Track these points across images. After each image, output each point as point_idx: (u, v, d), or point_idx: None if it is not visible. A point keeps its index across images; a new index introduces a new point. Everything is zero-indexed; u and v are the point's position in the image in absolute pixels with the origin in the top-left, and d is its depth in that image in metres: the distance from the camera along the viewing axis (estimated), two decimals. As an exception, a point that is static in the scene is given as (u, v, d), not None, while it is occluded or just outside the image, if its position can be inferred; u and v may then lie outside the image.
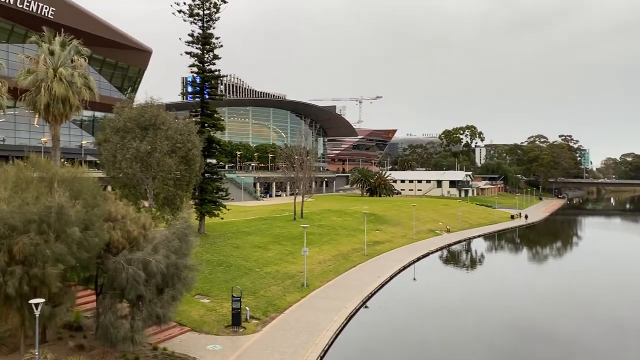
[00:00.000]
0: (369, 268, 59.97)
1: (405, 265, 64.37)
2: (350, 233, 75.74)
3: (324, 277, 53.23)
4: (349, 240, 71.46)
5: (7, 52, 74.12)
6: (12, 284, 23.07)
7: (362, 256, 65.42)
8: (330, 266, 57.97)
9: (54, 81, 41.70)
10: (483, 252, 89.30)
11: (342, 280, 53.38)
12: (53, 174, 28.17)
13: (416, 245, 78.98)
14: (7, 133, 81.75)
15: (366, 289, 49.74)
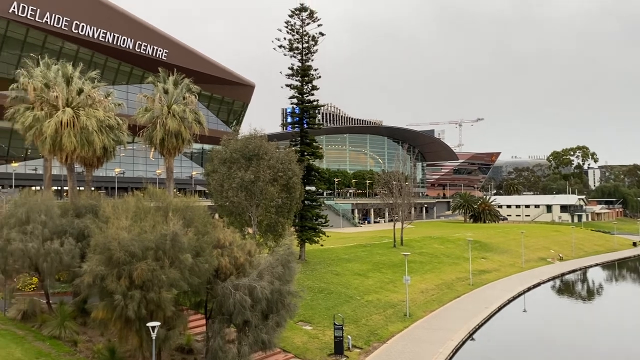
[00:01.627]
0: (475, 298, 57.23)
1: (515, 295, 60.68)
2: (453, 261, 73.07)
3: (427, 306, 51.55)
4: (453, 269, 68.88)
5: (127, 92, 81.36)
6: (132, 308, 24.65)
7: (467, 286, 62.66)
8: (434, 295, 56.07)
9: (168, 117, 45.00)
10: (601, 282, 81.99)
11: (446, 310, 51.36)
12: (168, 204, 30.03)
13: (526, 275, 74.34)
14: (127, 166, 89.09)
15: (473, 320, 47.40)
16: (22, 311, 31.38)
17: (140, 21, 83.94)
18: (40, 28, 69.90)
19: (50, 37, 72.08)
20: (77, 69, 43.78)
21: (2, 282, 33.25)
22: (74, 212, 33.87)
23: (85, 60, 68.78)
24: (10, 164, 71.71)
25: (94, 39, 76.02)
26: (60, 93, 40.64)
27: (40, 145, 40.22)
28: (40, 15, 68.43)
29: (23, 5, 66.29)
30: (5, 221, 30.89)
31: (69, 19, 72.10)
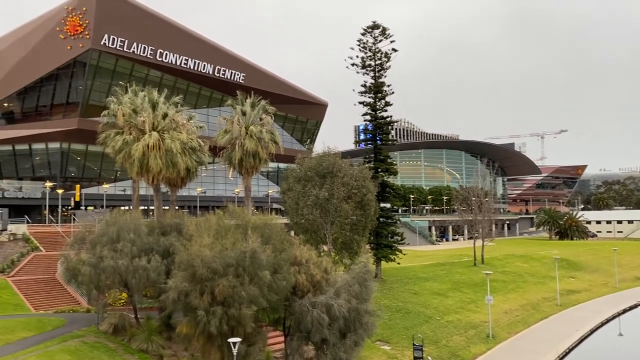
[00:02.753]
0: (564, 320, 53.85)
1: (609, 317, 56.49)
2: (539, 280, 69.35)
3: (512, 328, 49.11)
4: (538, 289, 65.34)
5: (208, 115, 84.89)
6: (214, 323, 25.36)
7: (555, 306, 59.14)
8: (518, 316, 53.37)
9: (246, 138, 46.42)
10: None
11: (532, 332, 48.67)
12: (247, 222, 30.80)
13: (620, 295, 69.10)
14: (208, 186, 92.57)
15: (562, 343, 44.56)
16: (113, 325, 33.13)
17: (218, 47, 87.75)
18: (128, 58, 74.82)
19: (137, 65, 76.94)
20: (161, 94, 46.30)
21: (95, 297, 35.31)
22: (159, 231, 35.51)
23: (169, 86, 72.72)
24: (102, 185, 76.72)
25: (176, 65, 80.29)
26: (146, 118, 43.07)
27: (129, 167, 42.71)
28: (128, 46, 73.34)
29: (113, 38, 71.37)
30: (98, 239, 32.92)
31: (154, 48, 76.70)
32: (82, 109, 71.33)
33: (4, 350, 27.77)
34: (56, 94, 74.09)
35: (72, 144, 74.94)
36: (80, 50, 69.80)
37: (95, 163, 78.64)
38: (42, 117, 75.05)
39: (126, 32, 72.70)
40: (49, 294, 43.30)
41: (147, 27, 75.61)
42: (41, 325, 33.48)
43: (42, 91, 74.48)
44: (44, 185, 68.85)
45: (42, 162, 76.03)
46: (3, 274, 45.69)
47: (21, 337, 30.48)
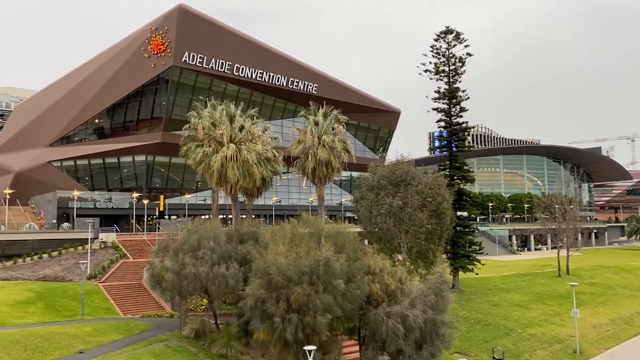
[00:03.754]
0: (661, 336, 49.80)
1: None
2: (632, 293, 64.66)
3: (602, 343, 46.09)
4: (631, 302, 60.91)
5: (282, 126, 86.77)
6: (289, 331, 25.78)
7: (650, 321, 54.85)
8: (609, 331, 49.99)
9: (319, 148, 47.02)
10: None
11: (626, 349, 45.40)
12: (320, 230, 31.13)
13: None
14: (282, 195, 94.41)
15: (660, 362, 41.25)
16: (195, 330, 34.50)
17: (291, 59, 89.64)
18: (207, 73, 78.11)
19: (215, 80, 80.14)
20: (238, 107, 47.98)
21: (178, 302, 37.00)
22: (237, 239, 36.66)
23: (245, 99, 75.11)
24: (184, 195, 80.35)
25: (252, 79, 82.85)
26: (224, 130, 44.79)
27: (209, 178, 44.56)
28: (207, 62, 76.65)
29: (193, 54, 74.87)
30: (181, 247, 34.48)
31: (231, 63, 79.61)
32: (165, 123, 75.23)
33: (97, 352, 29.68)
34: (141, 109, 78.66)
35: (157, 156, 79.17)
36: (163, 67, 73.77)
37: (177, 174, 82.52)
38: (129, 131, 79.85)
39: (205, 49, 75.97)
40: (136, 299, 45.84)
41: (225, 43, 78.64)
42: (129, 328, 35.47)
43: (129, 107, 79.32)
44: (131, 195, 73.10)
45: (130, 174, 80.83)
46: (95, 279, 48.89)
47: (112, 339, 32.45)
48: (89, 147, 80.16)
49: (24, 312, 38.45)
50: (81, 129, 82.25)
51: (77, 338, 31.35)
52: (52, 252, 54.66)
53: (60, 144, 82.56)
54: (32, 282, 46.48)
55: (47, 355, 28.35)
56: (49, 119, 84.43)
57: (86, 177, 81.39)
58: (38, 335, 30.71)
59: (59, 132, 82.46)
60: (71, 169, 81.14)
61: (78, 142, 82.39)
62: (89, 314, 39.83)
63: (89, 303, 41.48)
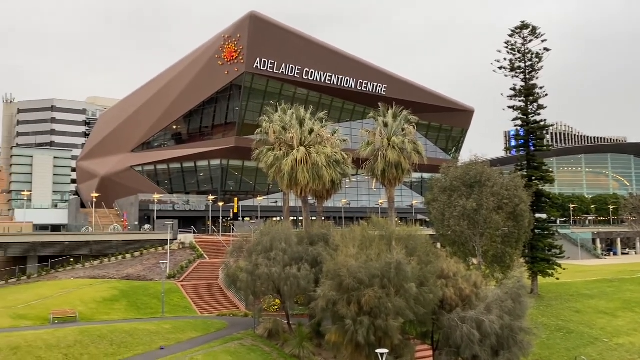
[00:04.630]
0: None
1: None
2: None
3: (700, 356, 42.41)
4: None
5: (350, 128, 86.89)
6: (361, 333, 25.72)
7: None
8: None
9: (388, 149, 46.62)
10: None
11: None
12: (391, 233, 30.85)
13: None
14: (352, 197, 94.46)
15: None
16: (268, 330, 35.20)
17: (360, 61, 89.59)
18: (278, 78, 79.69)
19: (285, 85, 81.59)
20: (308, 111, 48.54)
21: (252, 302, 37.90)
22: (308, 241, 37.04)
23: (315, 103, 75.93)
24: (256, 198, 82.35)
25: (321, 82, 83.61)
26: (294, 134, 45.46)
27: (280, 180, 45.38)
28: (277, 67, 78.19)
29: (264, 60, 76.68)
30: (254, 248, 35.33)
31: (301, 68, 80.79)
32: (239, 128, 77.46)
33: (177, 348, 30.99)
34: (216, 115, 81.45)
35: (231, 160, 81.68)
36: (236, 74, 76.01)
37: (250, 177, 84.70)
38: (205, 137, 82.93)
39: (275, 55, 77.53)
40: (212, 298, 47.43)
41: (294, 48, 79.89)
42: (206, 327, 36.75)
43: (205, 114, 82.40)
44: (207, 198, 75.87)
45: (206, 177, 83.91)
46: (174, 279, 51.06)
47: (190, 337, 33.75)
48: (167, 152, 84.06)
49: (110, 309, 40.82)
50: (160, 135, 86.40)
51: (158, 335, 32.86)
52: (135, 253, 57.68)
53: (141, 149, 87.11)
54: (117, 281, 49.27)
55: (131, 350, 29.93)
56: (130, 126, 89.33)
57: (165, 180, 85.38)
58: (123, 331, 32.48)
59: (140, 139, 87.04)
60: (151, 173, 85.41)
61: (158, 147, 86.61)
62: (169, 311, 41.64)
63: (169, 301, 43.37)
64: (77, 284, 46.90)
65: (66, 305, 39.19)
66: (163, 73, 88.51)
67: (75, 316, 37.11)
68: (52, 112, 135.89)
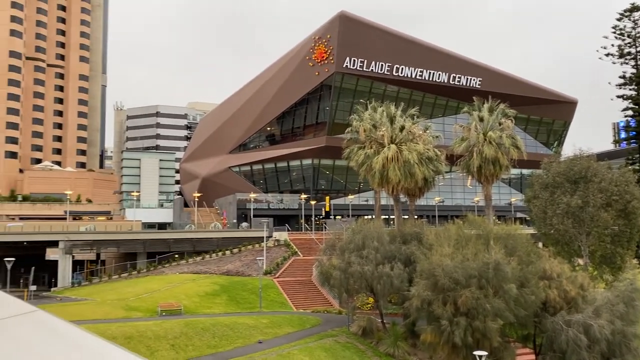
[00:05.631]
0: None
1: None
2: None
3: None
4: None
5: (443, 124, 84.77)
6: (458, 334, 25.05)
7: None
8: None
9: (484, 145, 44.93)
10: None
11: None
12: (488, 232, 29.76)
13: None
14: (445, 195, 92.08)
15: None
16: (362, 327, 35.31)
17: (452, 54, 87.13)
18: (367, 76, 79.63)
19: (375, 82, 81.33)
20: (398, 108, 48.06)
21: (345, 300, 38.23)
22: (400, 239, 36.70)
23: (405, 99, 74.89)
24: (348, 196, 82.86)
25: (412, 78, 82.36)
26: (385, 132, 45.20)
27: (371, 179, 45.32)
28: (367, 65, 78.17)
29: (354, 59, 76.98)
30: (346, 246, 35.60)
31: (390, 64, 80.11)
32: (329, 127, 78.33)
33: (274, 343, 32.00)
34: (307, 116, 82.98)
35: (322, 159, 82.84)
36: (326, 74, 76.94)
37: (341, 176, 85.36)
38: (297, 137, 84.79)
39: (365, 53, 77.53)
40: (306, 295, 48.40)
41: (384, 45, 79.41)
42: (301, 322, 37.58)
43: (296, 114, 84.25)
44: (299, 197, 77.51)
45: (298, 176, 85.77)
46: (270, 275, 52.72)
47: (286, 331, 34.70)
48: (262, 153, 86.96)
49: (212, 303, 42.97)
50: (255, 136, 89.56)
51: (256, 329, 34.11)
52: (233, 249, 60.27)
53: (238, 151, 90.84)
54: (218, 276, 51.76)
55: (232, 343, 31.32)
56: (228, 129, 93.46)
57: (260, 180, 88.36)
58: (223, 324, 34.08)
59: (236, 141, 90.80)
60: (248, 173, 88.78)
61: (253, 149, 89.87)
62: (266, 307, 43.08)
63: (266, 297, 44.86)
64: (181, 279, 49.85)
65: (172, 298, 41.81)
66: (257, 77, 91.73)
67: (180, 309, 39.47)
68: (157, 117, 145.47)
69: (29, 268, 55.00)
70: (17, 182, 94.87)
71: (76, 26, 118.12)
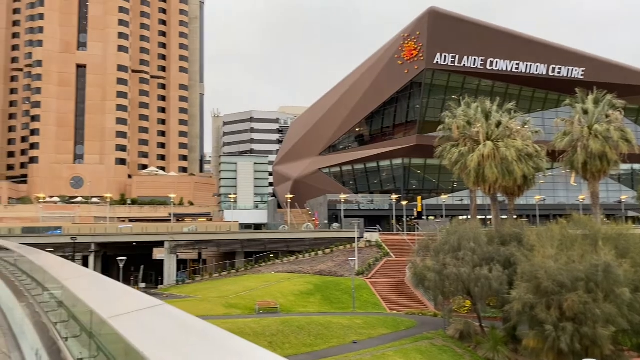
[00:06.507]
0: None
1: None
2: None
3: None
4: None
5: (543, 118, 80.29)
6: (564, 340, 23.60)
7: None
8: None
9: (590, 139, 41.99)
10: None
11: None
12: (596, 232, 27.82)
13: None
14: (547, 193, 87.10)
15: None
16: (459, 331, 34.30)
17: (550, 44, 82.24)
18: (459, 72, 77.32)
19: (468, 78, 78.77)
20: (494, 103, 46.20)
21: (441, 302, 37.34)
22: (499, 240, 35.25)
23: (501, 94, 71.83)
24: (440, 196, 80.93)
25: (507, 71, 78.78)
26: (480, 128, 43.61)
27: (466, 177, 43.92)
28: (458, 61, 75.92)
29: (445, 55, 75.09)
30: (441, 247, 34.78)
31: (484, 58, 77.20)
32: (419, 126, 77.00)
33: (368, 343, 31.96)
34: (397, 115, 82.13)
35: (412, 159, 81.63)
36: (416, 72, 75.73)
37: (433, 175, 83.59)
38: (386, 137, 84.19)
39: (456, 48, 75.40)
40: (400, 297, 47.87)
41: (476, 39, 76.75)
42: (395, 324, 37.22)
43: (385, 114, 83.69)
44: (390, 197, 76.86)
45: (388, 177, 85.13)
46: (362, 275, 52.75)
47: (380, 333, 34.53)
48: (351, 154, 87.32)
49: (306, 302, 43.79)
50: (344, 137, 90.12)
51: (350, 329, 34.27)
52: (325, 250, 61.02)
53: (327, 152, 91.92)
54: (311, 276, 52.65)
55: (327, 343, 31.70)
56: (317, 131, 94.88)
57: (350, 181, 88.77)
58: (318, 323, 34.59)
59: (326, 142, 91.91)
60: (337, 174, 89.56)
61: (342, 150, 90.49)
62: (359, 307, 43.16)
63: (358, 297, 44.96)
64: (276, 278, 51.28)
65: (268, 296, 43.12)
66: (345, 78, 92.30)
67: (277, 307, 40.61)
68: (251, 122, 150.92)
69: (139, 267, 59.30)
70: (127, 186, 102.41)
71: (175, 39, 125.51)
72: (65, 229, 67.56)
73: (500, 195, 47.84)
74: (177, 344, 2.35)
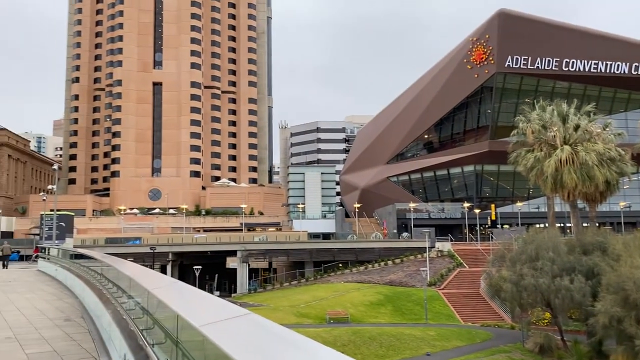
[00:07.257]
0: None
1: None
2: None
3: None
4: None
5: (626, 119, 75.60)
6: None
7: None
8: None
9: (681, 140, 39.07)
10: None
11: None
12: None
13: None
14: (633, 199, 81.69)
15: None
16: (539, 344, 32.68)
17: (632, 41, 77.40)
18: (532, 74, 74.37)
19: (541, 80, 75.58)
20: (571, 105, 44.10)
21: (519, 314, 35.80)
22: (580, 249, 33.42)
23: (578, 95, 68.39)
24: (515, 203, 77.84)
25: (584, 72, 74.88)
26: (556, 132, 41.71)
27: (542, 184, 42.05)
28: (531, 63, 73.08)
29: (516, 57, 72.56)
30: (517, 257, 33.41)
31: (559, 59, 73.85)
32: (492, 131, 74.69)
33: (442, 356, 31.16)
34: (467, 120, 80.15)
35: (485, 165, 79.22)
36: (486, 76, 73.66)
37: (507, 182, 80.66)
38: (456, 143, 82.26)
39: (528, 49, 72.74)
40: (474, 308, 46.34)
41: (549, 39, 73.68)
42: (470, 336, 36.06)
43: (455, 120, 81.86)
44: (462, 205, 74.87)
45: (459, 184, 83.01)
46: (434, 286, 51.57)
47: (455, 345, 33.57)
48: (420, 162, 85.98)
49: (377, 312, 43.35)
50: (412, 145, 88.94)
51: (423, 341, 33.55)
52: (395, 259, 60.23)
53: (395, 160, 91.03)
54: (381, 286, 52.11)
55: (399, 354, 31.21)
56: (384, 140, 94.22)
57: (419, 189, 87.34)
58: (390, 334, 34.13)
59: (393, 150, 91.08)
60: (406, 182, 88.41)
61: (410, 157, 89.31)
62: (431, 318, 42.19)
63: (431, 308, 43.97)
64: (346, 288, 51.17)
65: (338, 306, 43.08)
66: (412, 85, 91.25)
67: (347, 317, 40.46)
68: (317, 132, 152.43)
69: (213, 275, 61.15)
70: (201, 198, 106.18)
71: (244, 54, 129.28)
72: (145, 239, 70.90)
73: (581, 202, 45.38)
74: (267, 353, 2.37)
